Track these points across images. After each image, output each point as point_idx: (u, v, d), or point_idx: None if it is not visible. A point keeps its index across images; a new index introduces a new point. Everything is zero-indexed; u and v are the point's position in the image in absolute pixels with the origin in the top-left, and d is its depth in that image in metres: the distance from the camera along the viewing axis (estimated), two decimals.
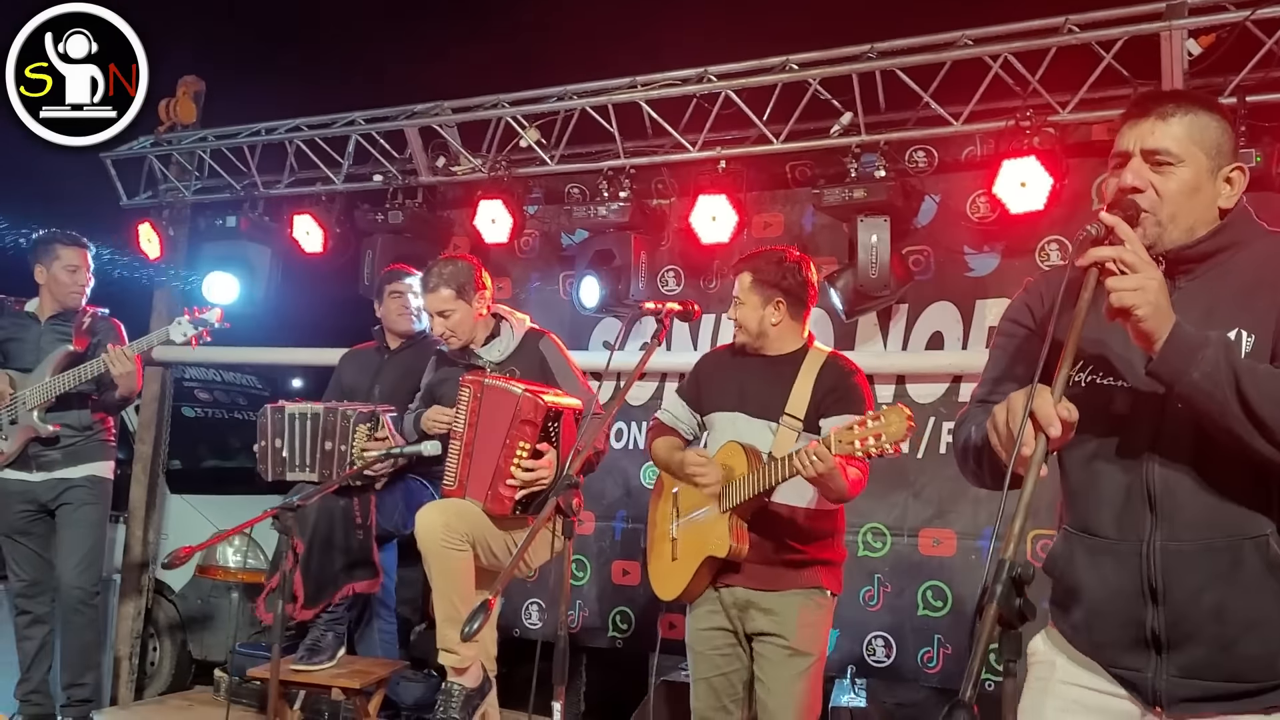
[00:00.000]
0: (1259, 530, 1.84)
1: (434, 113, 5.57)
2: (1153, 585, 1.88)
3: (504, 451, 3.70)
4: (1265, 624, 1.83)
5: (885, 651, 4.63)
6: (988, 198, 4.55)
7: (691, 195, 5.04)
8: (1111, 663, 1.96)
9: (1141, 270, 1.78)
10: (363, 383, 4.67)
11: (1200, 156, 1.95)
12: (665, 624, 5.01)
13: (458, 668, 3.77)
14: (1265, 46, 4.03)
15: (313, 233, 5.84)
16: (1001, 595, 1.59)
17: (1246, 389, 1.73)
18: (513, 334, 4.10)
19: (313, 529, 4.14)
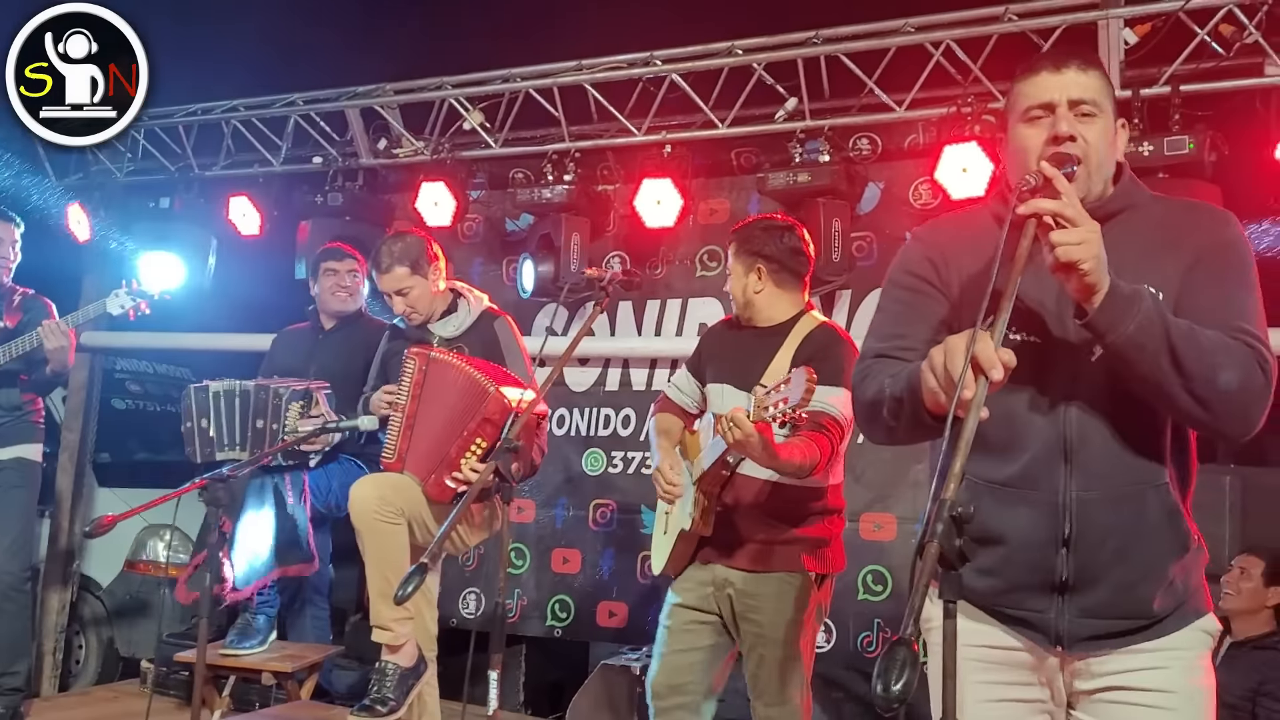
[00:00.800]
0: (1160, 478, 1.91)
1: (375, 94, 5.49)
2: (1066, 533, 1.91)
3: (458, 442, 3.59)
4: (1160, 566, 1.92)
5: (825, 636, 4.62)
6: (930, 184, 4.59)
7: (637, 179, 5.02)
8: (1016, 605, 1.97)
9: (1082, 224, 1.79)
10: (296, 363, 4.55)
11: (1109, 108, 2.00)
12: (605, 612, 4.97)
13: (392, 645, 3.65)
14: (1198, 37, 4.11)
15: (249, 215, 5.73)
16: (943, 534, 1.57)
17: (1175, 341, 1.78)
18: (469, 311, 4.00)
19: (245, 509, 4.03)
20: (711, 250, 5.21)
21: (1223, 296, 1.89)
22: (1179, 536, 1.93)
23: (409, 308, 3.92)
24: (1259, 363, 1.83)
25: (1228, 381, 1.80)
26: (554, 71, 5.15)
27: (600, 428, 5.31)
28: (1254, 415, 1.85)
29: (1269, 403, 1.85)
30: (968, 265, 2.02)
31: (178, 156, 6.00)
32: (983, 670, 2.00)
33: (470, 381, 3.61)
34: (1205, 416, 1.83)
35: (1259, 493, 5.47)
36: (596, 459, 5.29)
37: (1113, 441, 1.90)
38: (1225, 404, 1.82)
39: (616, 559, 5.16)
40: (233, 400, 4.22)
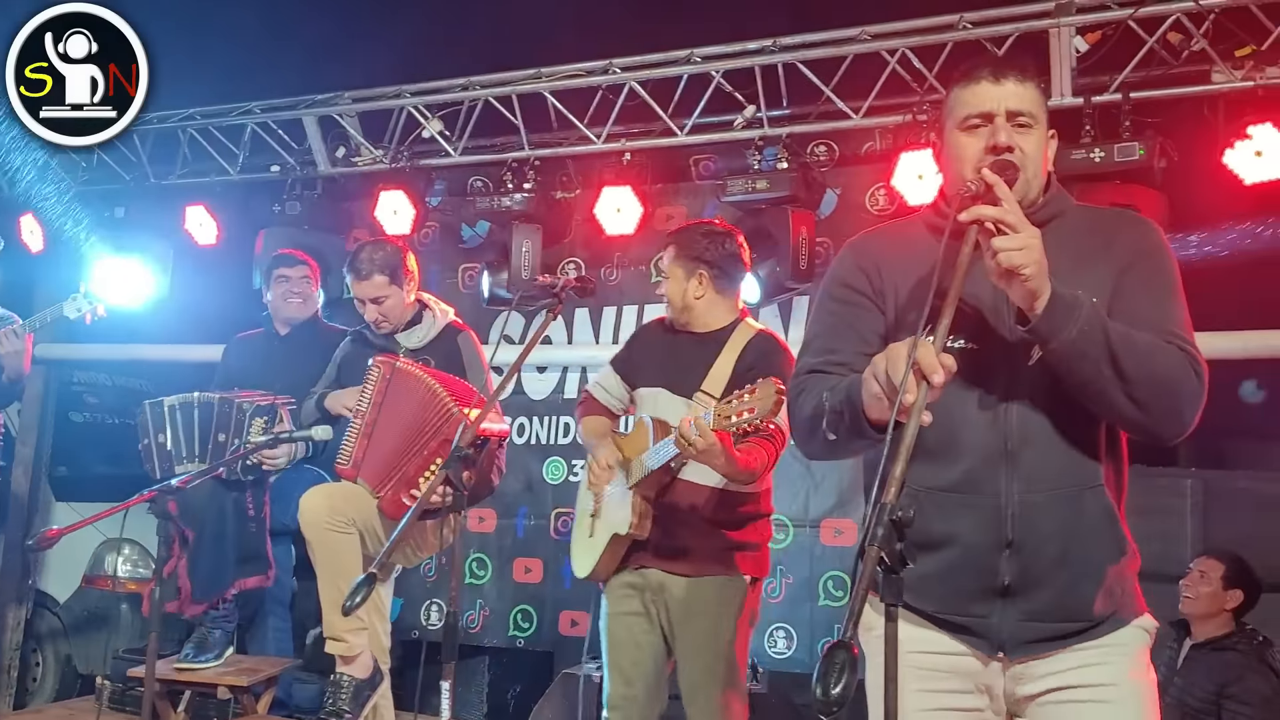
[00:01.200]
0: (1096, 480, 1.94)
1: (333, 102, 5.47)
2: (1009, 536, 1.92)
3: (418, 461, 3.56)
4: (1099, 567, 1.94)
5: (786, 643, 4.63)
6: (887, 190, 4.62)
7: (596, 187, 5.02)
8: (959, 611, 1.98)
9: (1023, 230, 1.82)
10: (253, 370, 4.48)
11: (1044, 119, 2.03)
12: (568, 621, 4.95)
13: (346, 656, 3.63)
14: (1147, 45, 4.17)
15: (206, 224, 5.68)
16: (883, 538, 1.58)
17: (1115, 346, 1.81)
18: (434, 323, 3.99)
19: (201, 521, 3.98)
20: None
21: (1154, 303, 1.93)
22: (1116, 539, 1.95)
23: (381, 316, 3.90)
24: (1192, 366, 1.87)
25: (1165, 384, 1.84)
26: (513, 80, 5.15)
27: (560, 436, 5.30)
28: (1188, 417, 1.88)
29: (1201, 404, 1.88)
30: (903, 274, 2.04)
31: (133, 165, 5.94)
32: (921, 679, 1.99)
33: (434, 397, 3.58)
34: (1143, 419, 1.86)
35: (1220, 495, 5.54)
36: (557, 467, 5.27)
37: (1052, 444, 1.92)
38: (1162, 406, 1.85)
39: None
40: (191, 413, 4.16)
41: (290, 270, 4.61)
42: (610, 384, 3.57)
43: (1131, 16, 4.13)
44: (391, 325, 3.94)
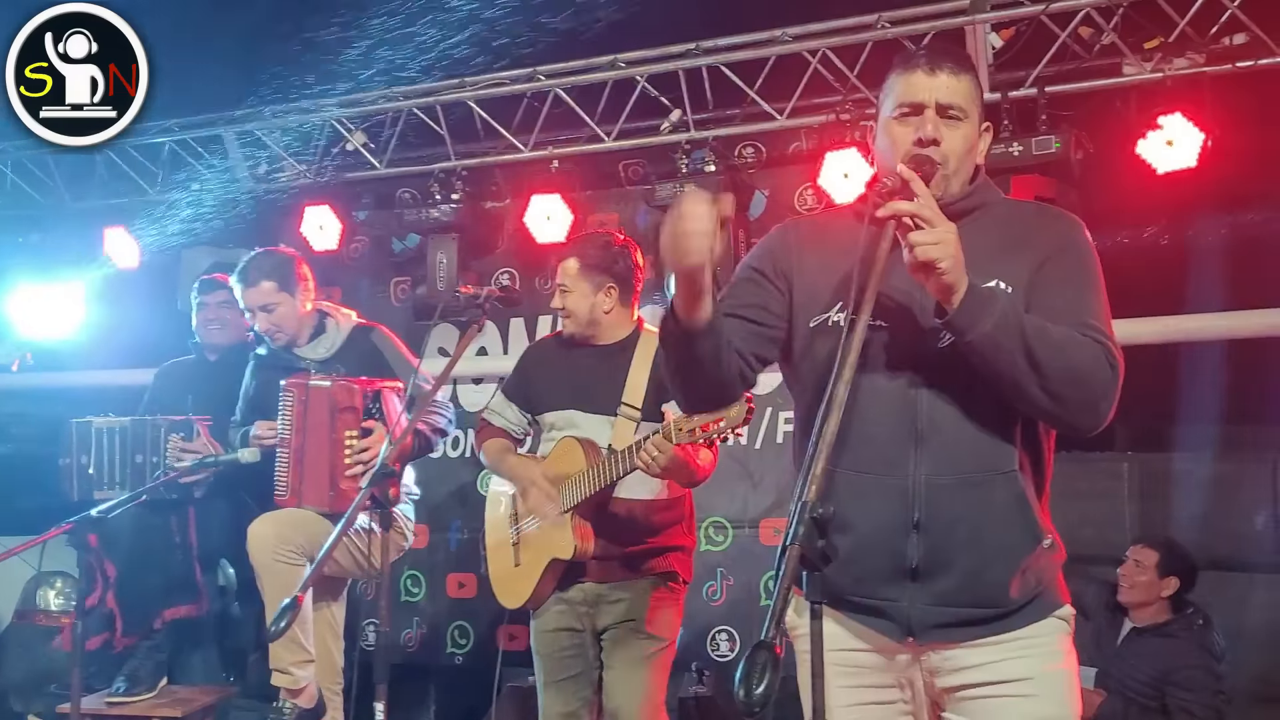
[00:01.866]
0: (1009, 466, 1.94)
1: (254, 118, 5.38)
2: (916, 518, 1.93)
3: (334, 448, 3.56)
4: (1009, 553, 1.93)
5: (729, 645, 4.63)
6: (814, 190, 4.65)
7: (525, 195, 5.00)
8: (870, 594, 1.98)
9: (939, 224, 1.83)
10: (180, 397, 4.35)
11: (975, 114, 2.04)
12: (505, 635, 4.89)
13: (291, 689, 3.58)
14: (1059, 39, 4.25)
15: (127, 246, 5.55)
16: (804, 536, 1.58)
17: (1030, 338, 1.82)
18: (339, 329, 3.91)
19: (128, 550, 3.89)
20: None
21: (1072, 296, 1.94)
22: (1029, 526, 1.95)
23: (273, 326, 3.79)
24: (1107, 359, 1.88)
25: (1079, 376, 1.85)
26: (437, 90, 5.11)
27: None
28: (1103, 409, 1.89)
29: (1116, 396, 1.89)
30: (820, 260, 2.04)
31: (48, 188, 5.81)
32: (844, 675, 2.00)
33: (321, 393, 3.57)
34: (1057, 410, 1.87)
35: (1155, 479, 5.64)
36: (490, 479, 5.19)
37: (963, 428, 1.92)
38: (1076, 398, 1.86)
39: None
40: (114, 435, 4.07)
41: (208, 296, 4.44)
42: (507, 411, 3.49)
43: (1044, 12, 4.20)
44: (286, 336, 3.83)
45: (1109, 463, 5.82)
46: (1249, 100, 4.09)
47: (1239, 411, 5.29)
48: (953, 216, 1.96)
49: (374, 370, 3.78)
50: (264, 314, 3.78)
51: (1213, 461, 5.77)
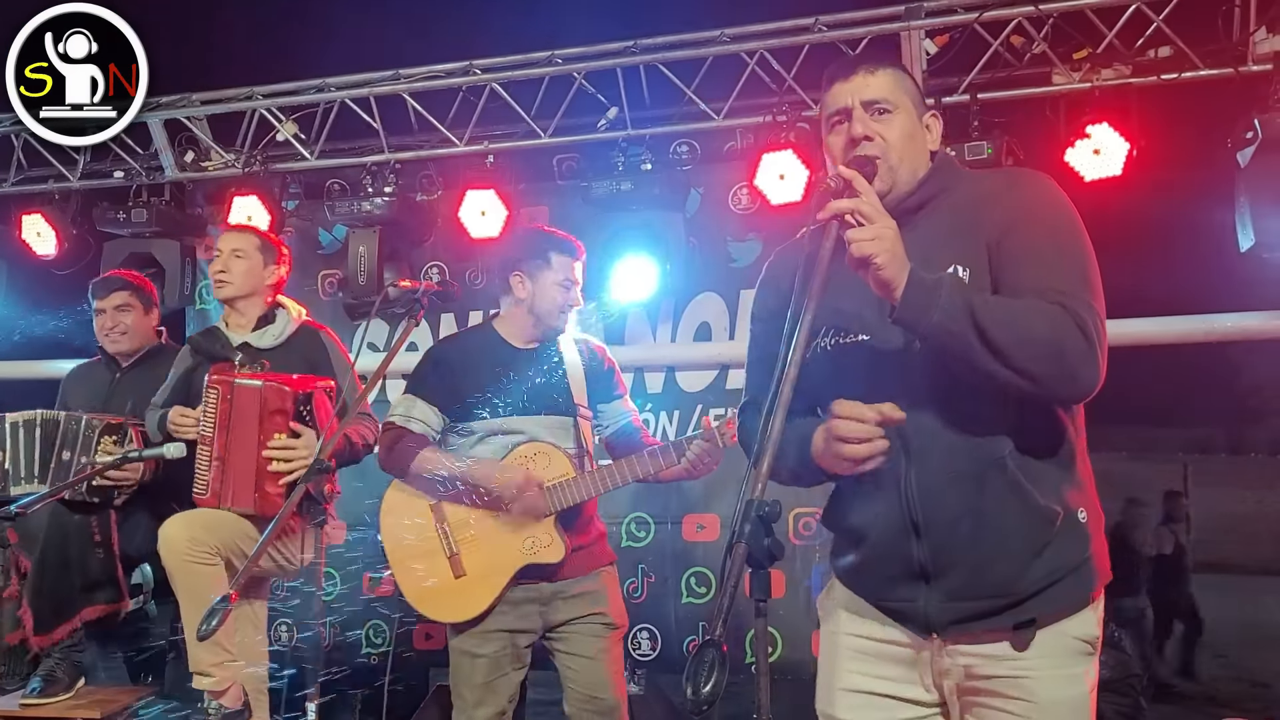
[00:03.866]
0: (998, 454, 1.92)
1: (180, 104, 5.24)
2: (914, 520, 1.95)
3: (260, 449, 3.49)
4: (1011, 540, 1.92)
5: (650, 644, 4.63)
6: (749, 189, 4.68)
7: (459, 189, 4.94)
8: (887, 596, 2.02)
9: (877, 220, 1.83)
10: (94, 404, 4.17)
11: (908, 103, 2.06)
12: (421, 634, 4.84)
13: (214, 691, 3.51)
14: (992, 48, 4.33)
15: (44, 234, 5.39)
16: (750, 534, 1.58)
17: (981, 320, 1.80)
18: (289, 322, 3.84)
19: (43, 547, 3.76)
20: None
21: (1034, 263, 1.90)
22: (1032, 509, 1.91)
23: (225, 270, 3.75)
24: (1076, 323, 1.81)
25: (1044, 349, 1.80)
26: (370, 81, 5.03)
27: None
28: (1084, 376, 1.84)
29: (1097, 360, 1.84)
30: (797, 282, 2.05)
31: None
32: (856, 660, 2.05)
33: (251, 391, 3.50)
34: (1030, 386, 1.82)
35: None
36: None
37: (947, 427, 1.93)
38: (1046, 370, 1.81)
39: None
40: (34, 430, 3.92)
41: (104, 300, 4.20)
42: (428, 415, 3.30)
43: (977, 20, 4.28)
44: (233, 288, 3.77)
45: None
46: (1173, 111, 4.21)
47: (1153, 414, 5.43)
48: (908, 210, 2.00)
49: (313, 369, 3.72)
50: (233, 257, 3.75)
51: (1128, 461, 5.94)
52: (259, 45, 5.23)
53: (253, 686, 3.67)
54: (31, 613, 3.76)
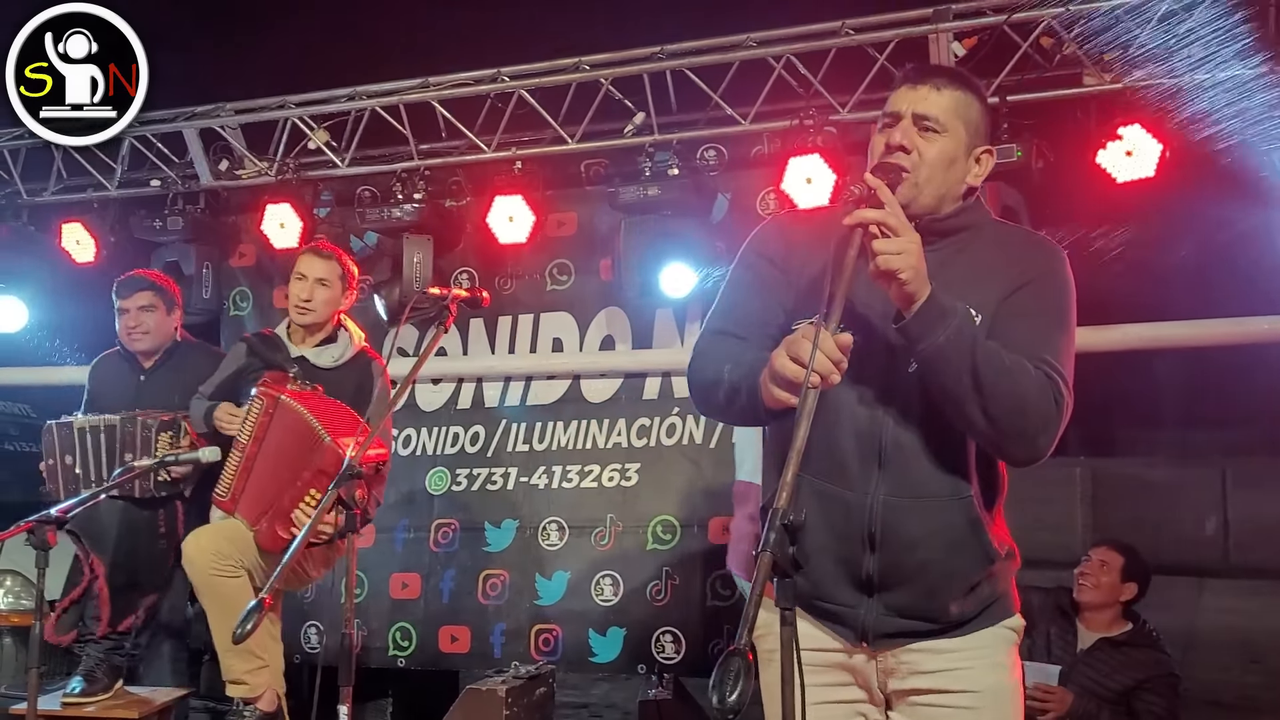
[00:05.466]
0: (965, 491, 1.97)
1: (215, 114, 5.32)
2: (872, 533, 1.97)
3: (292, 491, 3.51)
4: (961, 574, 1.99)
5: (675, 647, 4.63)
6: (776, 194, 4.67)
7: (488, 196, 4.98)
8: (827, 598, 2.03)
9: (904, 234, 1.84)
10: (124, 405, 4.19)
11: (961, 131, 2.03)
12: (447, 637, 4.87)
13: (248, 698, 3.57)
14: (1021, 49, 4.31)
15: (84, 242, 5.48)
16: (775, 542, 1.59)
17: (979, 359, 1.85)
18: (350, 345, 3.89)
19: (115, 545, 3.93)
20: (561, 264, 5.20)
21: (1034, 327, 1.96)
22: (983, 547, 1.99)
23: (309, 298, 3.79)
24: (1054, 394, 1.89)
25: (1021, 406, 1.87)
26: (400, 89, 5.08)
27: (448, 446, 5.18)
28: (1041, 442, 1.92)
29: (1057, 434, 1.92)
30: (810, 262, 2.04)
31: (4, 182, 5.71)
32: (808, 673, 2.02)
33: (309, 431, 3.52)
34: (993, 435, 1.90)
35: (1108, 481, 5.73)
36: (440, 477, 5.15)
37: (924, 452, 1.96)
38: (1014, 426, 1.89)
39: (458, 580, 5.03)
40: (99, 435, 4.03)
41: (128, 300, 4.23)
42: None
43: (1006, 22, 4.26)
44: (315, 317, 3.83)
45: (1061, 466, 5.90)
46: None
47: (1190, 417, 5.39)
48: (937, 232, 2.01)
49: (358, 397, 3.76)
50: (316, 285, 3.80)
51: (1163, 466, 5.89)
52: (291, 54, 5.29)
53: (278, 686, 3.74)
54: (109, 607, 3.91)
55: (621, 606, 4.76)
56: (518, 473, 5.05)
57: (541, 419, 5.08)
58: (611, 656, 4.77)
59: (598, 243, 5.10)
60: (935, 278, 1.88)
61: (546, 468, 5.02)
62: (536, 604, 4.91)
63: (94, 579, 3.93)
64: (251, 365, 3.90)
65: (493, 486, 5.07)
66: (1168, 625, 4.14)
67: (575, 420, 5.03)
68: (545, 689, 4.37)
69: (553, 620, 4.88)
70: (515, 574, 4.95)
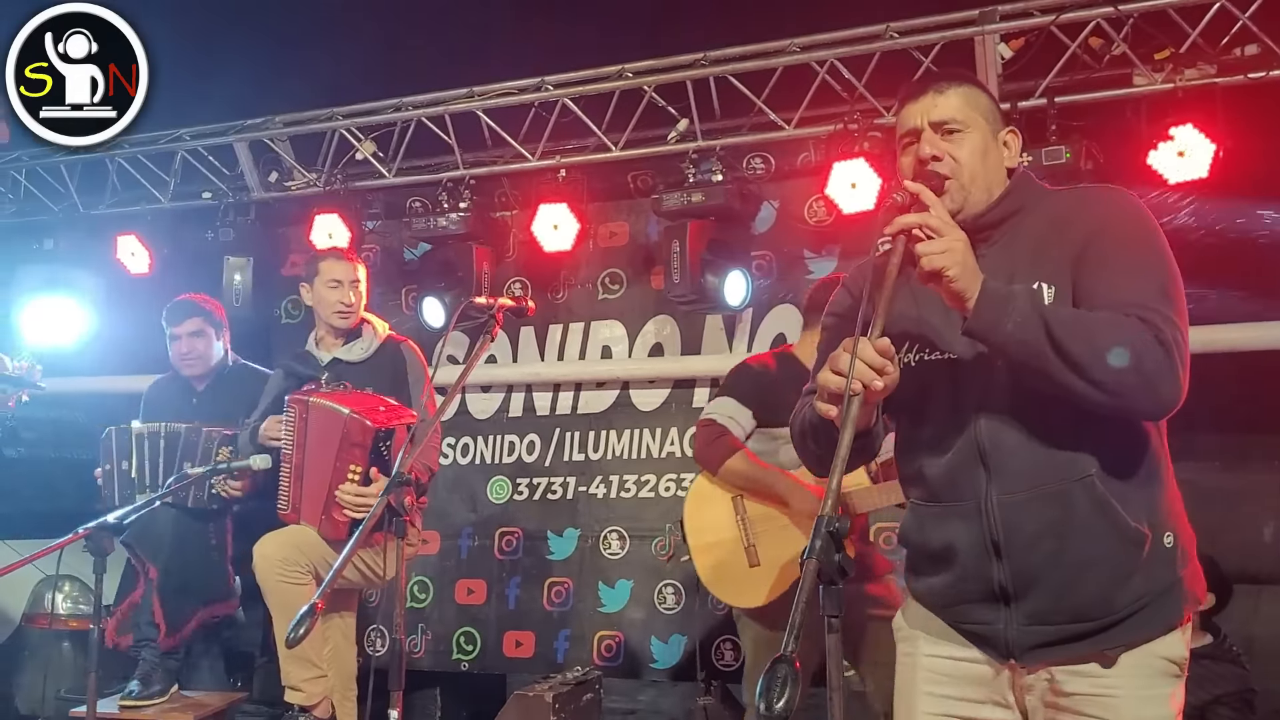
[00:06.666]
0: (1084, 471, 1.88)
1: (264, 127, 5.41)
2: (994, 539, 1.92)
3: (334, 476, 3.59)
4: (1099, 562, 1.88)
5: (734, 654, 4.62)
6: (823, 200, 4.65)
7: (533, 205, 5.01)
8: (965, 619, 1.99)
9: (947, 233, 1.82)
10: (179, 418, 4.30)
11: (981, 121, 2.02)
12: (511, 642, 4.91)
13: (304, 705, 3.62)
14: (1069, 50, 4.25)
15: (138, 254, 5.60)
16: (820, 550, 1.59)
17: (1056, 331, 1.78)
18: (375, 337, 3.97)
19: (168, 554, 3.99)
20: (613, 273, 5.22)
21: (1112, 277, 1.87)
22: (1119, 530, 1.87)
23: (351, 301, 3.90)
24: (1155, 337, 1.78)
25: (1119, 362, 1.77)
26: (445, 99, 5.13)
27: (505, 455, 5.26)
28: (1164, 391, 1.81)
29: (1178, 375, 1.80)
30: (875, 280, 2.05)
31: (61, 196, 5.85)
32: (932, 682, 2.03)
33: (335, 416, 3.60)
34: (1107, 399, 1.79)
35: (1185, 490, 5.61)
36: (501, 486, 5.23)
37: (1028, 442, 1.90)
38: (1126, 384, 1.77)
39: (523, 587, 5.12)
40: (158, 441, 4.12)
41: (178, 327, 4.34)
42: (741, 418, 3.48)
43: (1054, 22, 4.20)
44: (355, 317, 3.95)
45: None
46: (1261, 110, 4.09)
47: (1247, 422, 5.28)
48: (986, 227, 1.99)
49: (395, 382, 3.83)
50: (352, 288, 3.91)
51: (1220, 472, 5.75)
52: (338, 67, 5.36)
53: (343, 695, 3.79)
54: (165, 616, 3.97)
55: (684, 614, 4.79)
56: (576, 482, 5.12)
57: (595, 427, 5.13)
58: (672, 663, 4.82)
59: (650, 251, 5.11)
60: (998, 266, 1.86)
61: (604, 477, 5.08)
62: (601, 610, 4.97)
63: (149, 585, 4.01)
64: (289, 387, 3.98)
65: (552, 496, 5.16)
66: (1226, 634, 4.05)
67: (628, 429, 5.07)
68: (592, 695, 4.38)
69: (617, 627, 4.93)
70: (578, 582, 5.03)
